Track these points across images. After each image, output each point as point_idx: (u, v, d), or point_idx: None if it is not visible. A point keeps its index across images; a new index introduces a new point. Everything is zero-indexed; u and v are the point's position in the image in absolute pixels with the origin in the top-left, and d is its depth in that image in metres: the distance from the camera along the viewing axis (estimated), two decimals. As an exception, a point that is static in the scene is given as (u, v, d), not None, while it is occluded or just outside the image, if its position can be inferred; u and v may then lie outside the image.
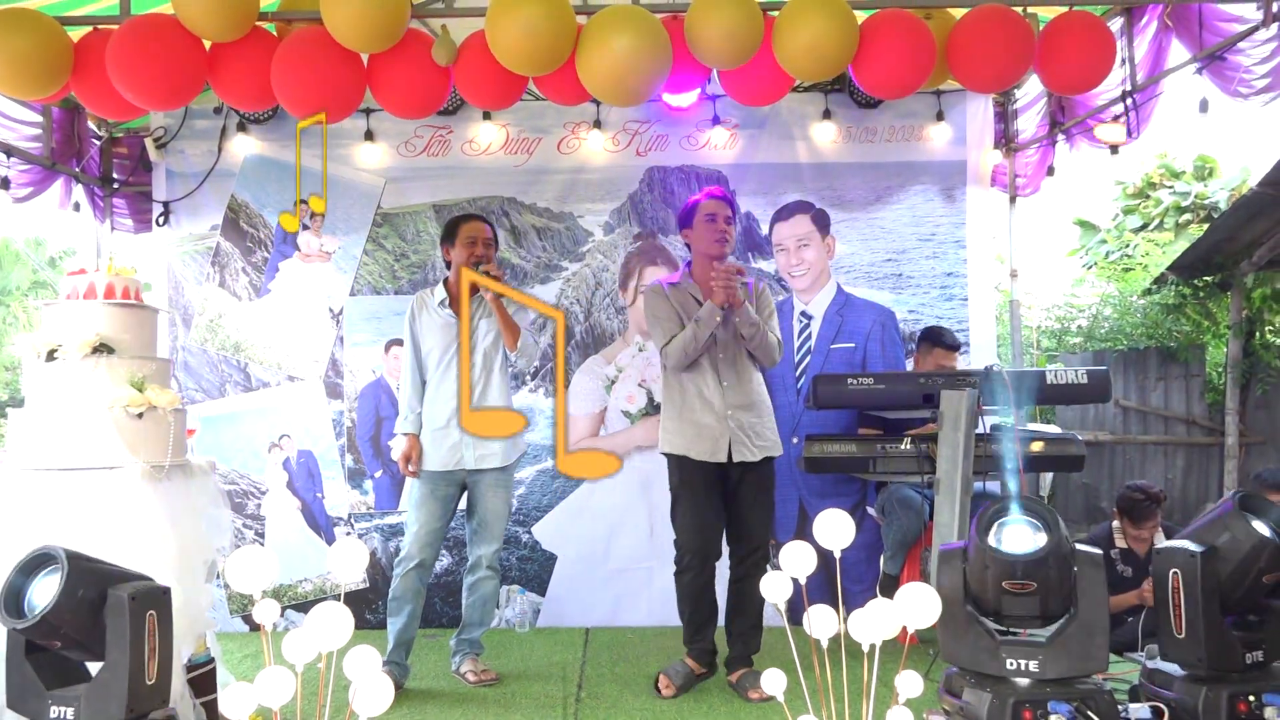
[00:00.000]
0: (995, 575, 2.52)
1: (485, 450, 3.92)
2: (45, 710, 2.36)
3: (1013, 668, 2.52)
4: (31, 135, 4.55)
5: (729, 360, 3.80)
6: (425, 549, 3.91)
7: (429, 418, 3.97)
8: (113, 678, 2.40)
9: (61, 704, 2.36)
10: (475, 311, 3.98)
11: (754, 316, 3.73)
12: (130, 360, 3.13)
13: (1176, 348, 6.39)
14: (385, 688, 2.17)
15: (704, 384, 3.79)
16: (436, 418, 3.95)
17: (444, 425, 3.93)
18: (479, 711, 3.57)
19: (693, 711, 3.54)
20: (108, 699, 2.39)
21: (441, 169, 5.11)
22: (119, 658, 2.42)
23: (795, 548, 2.43)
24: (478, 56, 3.10)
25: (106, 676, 2.41)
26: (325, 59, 3.05)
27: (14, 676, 2.44)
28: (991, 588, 2.54)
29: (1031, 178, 5.20)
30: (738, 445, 3.76)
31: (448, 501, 3.98)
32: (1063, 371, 4.17)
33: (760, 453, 3.80)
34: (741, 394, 3.80)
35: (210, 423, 5.04)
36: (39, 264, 25.35)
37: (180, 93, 3.10)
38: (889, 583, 4.49)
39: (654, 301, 3.86)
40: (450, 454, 3.92)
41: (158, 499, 3.01)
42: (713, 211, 3.82)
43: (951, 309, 5.17)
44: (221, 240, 5.11)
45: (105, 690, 2.40)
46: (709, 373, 3.79)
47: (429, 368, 3.99)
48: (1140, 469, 6.33)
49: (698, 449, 3.76)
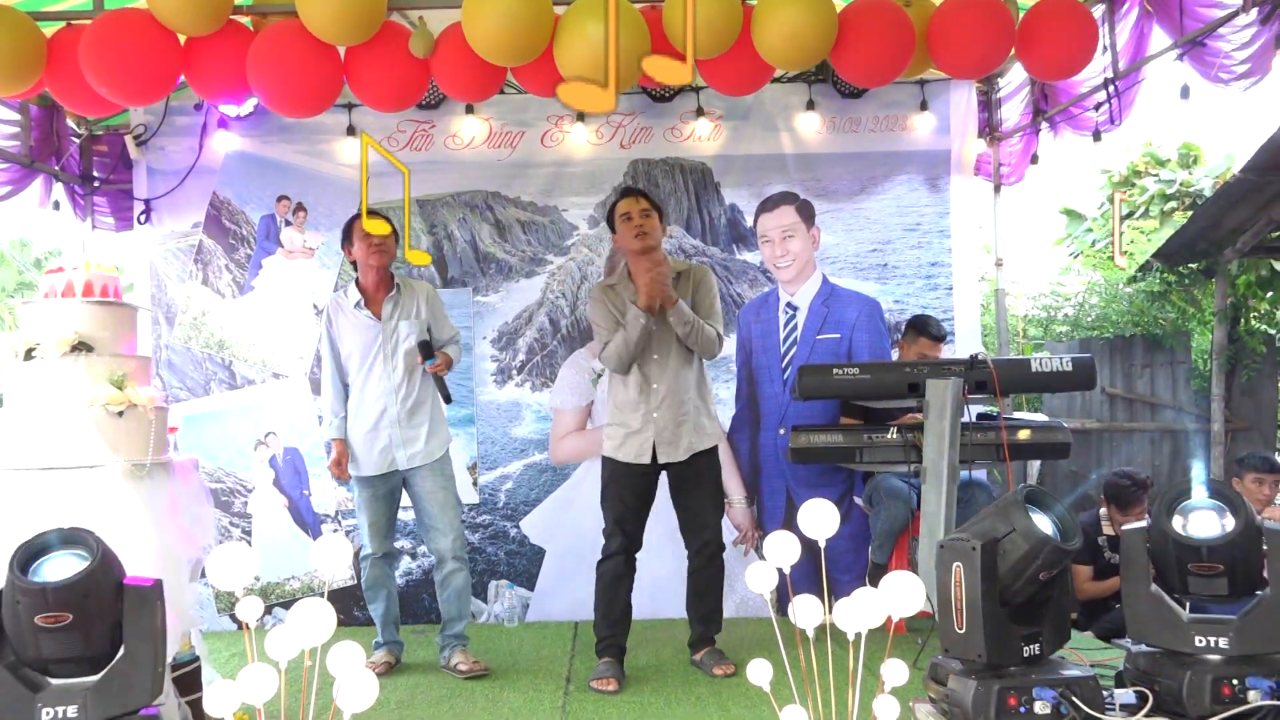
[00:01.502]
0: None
1: (415, 449, 3.97)
2: (35, 715, 2.32)
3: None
4: (9, 134, 4.51)
5: (661, 361, 3.85)
6: (381, 542, 4.06)
7: (356, 422, 3.99)
8: (132, 667, 2.39)
9: (58, 704, 2.33)
10: (393, 313, 3.98)
11: (688, 315, 3.76)
12: (110, 358, 3.11)
13: (1162, 335, 6.42)
14: (370, 684, 2.16)
15: (629, 388, 3.88)
16: (364, 422, 3.97)
17: (372, 428, 3.96)
18: (468, 705, 3.57)
19: (681, 701, 3.54)
20: (126, 689, 2.37)
21: (424, 163, 5.07)
22: (139, 646, 2.41)
23: (779, 537, 2.43)
24: (455, 48, 3.08)
25: (125, 667, 2.39)
26: (301, 52, 3.03)
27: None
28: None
29: (1016, 166, 5.20)
30: (662, 446, 3.84)
31: (389, 497, 4.07)
32: (1047, 359, 4.19)
33: (686, 452, 3.86)
34: (667, 396, 3.83)
35: (195, 421, 5.02)
36: (24, 265, 25.22)
37: (155, 88, 3.07)
38: (877, 572, 4.50)
39: (592, 306, 3.98)
40: (382, 457, 3.96)
41: (139, 497, 2.99)
42: (626, 211, 3.84)
43: (937, 298, 5.17)
44: (204, 238, 5.07)
45: (124, 680, 2.38)
46: (634, 376, 3.86)
47: (350, 370, 4.01)
48: (1127, 456, 6.35)
49: (623, 451, 3.88)
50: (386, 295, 3.99)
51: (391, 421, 3.94)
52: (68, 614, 2.34)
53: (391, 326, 3.96)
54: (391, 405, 3.94)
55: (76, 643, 2.40)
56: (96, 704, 2.37)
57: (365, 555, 4.05)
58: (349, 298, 4.02)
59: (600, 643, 3.91)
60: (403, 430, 3.95)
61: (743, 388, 5.11)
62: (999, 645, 2.53)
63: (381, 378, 3.95)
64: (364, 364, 3.97)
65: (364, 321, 3.97)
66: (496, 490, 5.08)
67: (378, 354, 3.96)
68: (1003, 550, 2.56)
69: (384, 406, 3.94)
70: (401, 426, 3.95)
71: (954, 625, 2.58)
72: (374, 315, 3.97)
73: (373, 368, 3.96)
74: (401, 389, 3.95)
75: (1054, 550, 2.53)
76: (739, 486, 5.07)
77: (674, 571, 4.31)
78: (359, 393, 3.99)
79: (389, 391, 3.94)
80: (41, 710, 2.36)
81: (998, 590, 2.55)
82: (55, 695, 2.37)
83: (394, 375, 3.95)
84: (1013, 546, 2.55)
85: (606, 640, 3.90)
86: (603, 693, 3.68)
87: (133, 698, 2.41)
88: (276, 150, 5.08)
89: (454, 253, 5.12)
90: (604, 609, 3.93)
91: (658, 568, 4.46)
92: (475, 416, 5.07)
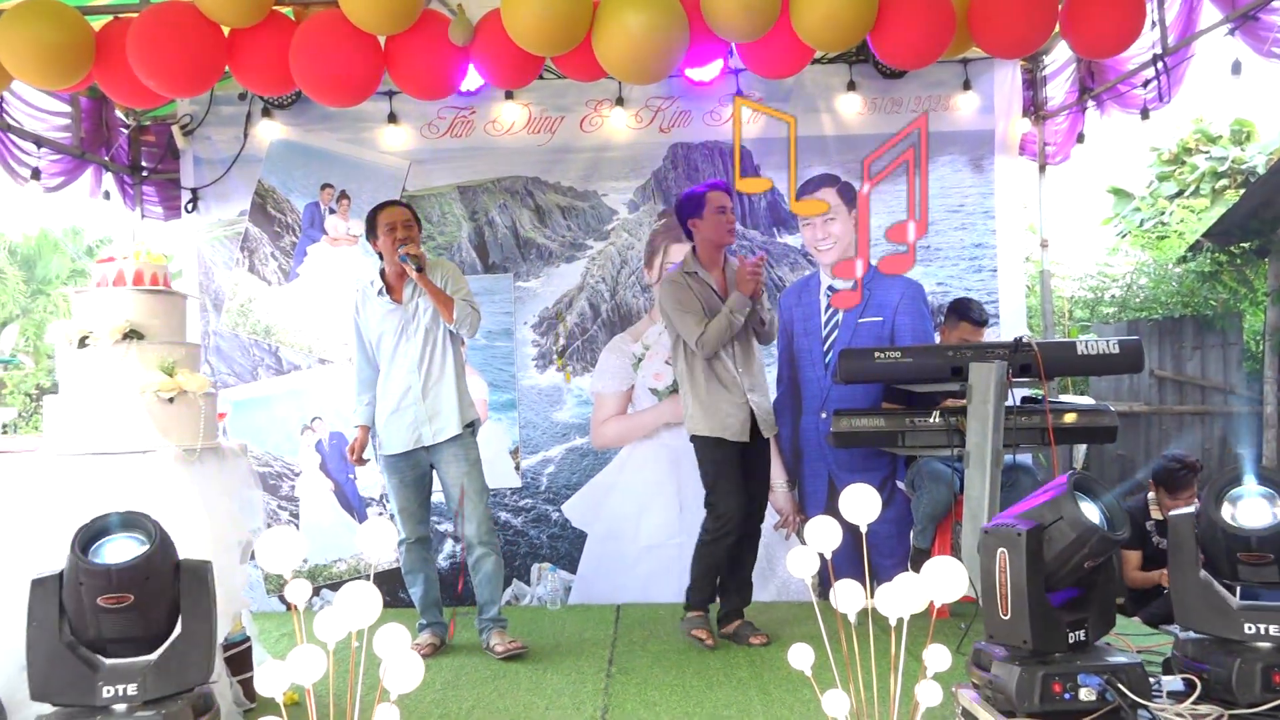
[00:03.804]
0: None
1: (440, 424, 4.02)
2: (95, 692, 2.39)
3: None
4: (60, 125, 4.60)
5: (743, 346, 4.13)
6: (414, 527, 4.14)
7: (383, 403, 4.07)
8: (190, 646, 2.47)
9: (118, 682, 2.39)
10: (414, 294, 4.03)
11: (768, 304, 4.12)
12: (160, 345, 3.17)
13: (1213, 316, 6.28)
14: (415, 665, 2.20)
15: (724, 370, 4.10)
16: (390, 400, 4.05)
17: (397, 407, 4.04)
18: (511, 686, 3.61)
19: (722, 684, 3.55)
20: (184, 667, 2.45)
21: (465, 150, 5.11)
22: (196, 625, 2.49)
23: (820, 523, 2.42)
24: (495, 36, 3.09)
25: (182, 645, 2.47)
26: (343, 42, 3.06)
27: (45, 665, 2.43)
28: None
29: (1061, 145, 5.11)
30: (761, 423, 4.12)
31: (419, 482, 4.13)
32: (1094, 342, 4.12)
33: (769, 430, 4.17)
34: (753, 378, 4.14)
35: (243, 406, 5.11)
36: (76, 253, 25.73)
37: (200, 79, 3.12)
38: (919, 556, 4.46)
39: (678, 292, 4.10)
40: (410, 433, 4.03)
41: (191, 481, 3.06)
42: (722, 204, 4.10)
43: (980, 280, 5.11)
44: (250, 225, 5.15)
45: (181, 659, 2.46)
46: (727, 359, 4.10)
47: (380, 357, 4.10)
48: (1176, 439, 6.24)
49: (731, 430, 4.06)
50: (407, 279, 4.04)
51: (416, 398, 4.01)
52: (129, 595, 2.41)
53: (412, 307, 4.04)
54: (415, 383, 4.01)
55: (136, 623, 2.47)
56: (155, 681, 2.45)
57: (400, 540, 4.13)
58: (373, 286, 4.11)
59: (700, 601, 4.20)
60: (427, 405, 4.01)
61: (784, 372, 5.09)
62: (1044, 631, 2.52)
63: (405, 357, 4.04)
64: (390, 347, 4.06)
65: (387, 306, 4.06)
66: (538, 474, 5.12)
67: (400, 335, 4.04)
68: (1049, 537, 2.54)
69: (408, 384, 4.02)
70: (425, 402, 4.01)
71: (999, 611, 2.57)
72: (395, 300, 4.05)
73: (397, 348, 4.05)
74: (423, 365, 4.02)
75: (1101, 539, 2.51)
76: (780, 471, 5.06)
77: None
78: (386, 375, 4.08)
79: (411, 369, 4.02)
80: (102, 688, 2.43)
81: (1043, 577, 2.53)
82: (114, 673, 2.44)
83: (415, 352, 4.02)
84: (1059, 534, 2.53)
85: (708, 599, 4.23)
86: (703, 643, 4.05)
87: (190, 675, 2.48)
88: (320, 138, 5.13)
89: (495, 238, 5.15)
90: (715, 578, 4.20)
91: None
92: (517, 401, 5.11)
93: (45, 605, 2.46)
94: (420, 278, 3.90)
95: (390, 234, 3.99)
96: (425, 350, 4.03)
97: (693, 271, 4.13)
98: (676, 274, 4.16)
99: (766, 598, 4.87)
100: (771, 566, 4.96)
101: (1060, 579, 2.55)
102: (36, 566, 2.58)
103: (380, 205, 4.14)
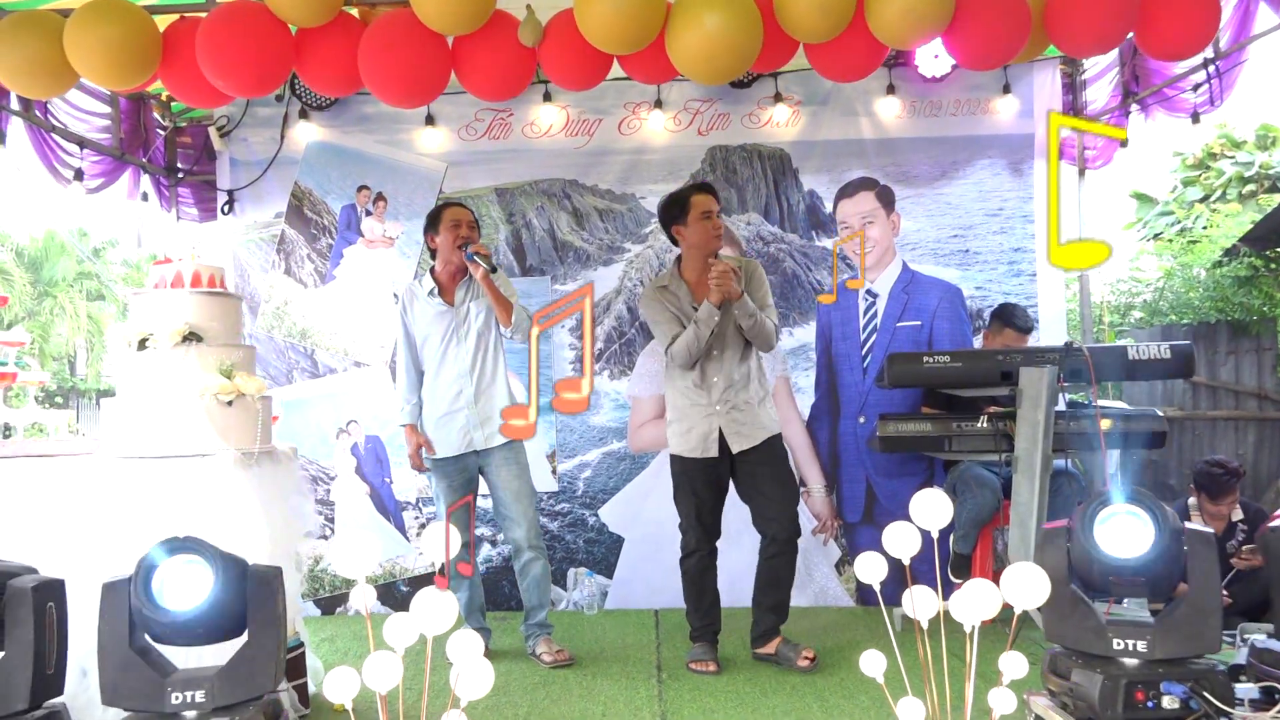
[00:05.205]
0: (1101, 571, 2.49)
1: (491, 429, 4.00)
2: (165, 699, 2.37)
3: (1120, 648, 2.48)
4: (101, 126, 4.59)
5: (719, 355, 3.85)
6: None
7: (432, 406, 4.04)
8: (258, 652, 2.45)
9: (186, 689, 2.38)
10: (465, 298, 4.02)
11: (751, 308, 3.75)
12: (219, 348, 3.16)
13: (1248, 321, 6.24)
14: (487, 672, 2.18)
15: (690, 383, 3.88)
16: (440, 405, 4.02)
17: (448, 410, 4.01)
18: (563, 692, 3.59)
19: (776, 690, 3.53)
20: (251, 675, 2.43)
21: (502, 152, 5.10)
22: (263, 632, 2.46)
23: (898, 528, 2.40)
24: (564, 36, 3.07)
25: (250, 652, 2.45)
26: (411, 43, 3.03)
27: (115, 671, 2.42)
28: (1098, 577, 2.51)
29: (1103, 150, 5.08)
30: (731, 436, 3.84)
31: (466, 488, 4.09)
32: (1145, 347, 4.09)
33: (752, 440, 3.86)
34: (727, 389, 3.84)
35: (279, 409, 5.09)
36: (84, 254, 25.69)
37: (269, 79, 3.10)
38: (960, 562, 4.43)
39: (648, 305, 3.95)
40: (461, 437, 4.01)
41: (249, 485, 3.05)
42: (708, 209, 3.84)
43: (1020, 285, 5.08)
44: (286, 228, 5.14)
45: (249, 666, 2.44)
46: (695, 372, 3.86)
47: (426, 358, 4.07)
48: (1210, 445, 6.20)
49: (687, 446, 3.89)
50: (460, 281, 4.03)
51: (468, 402, 3.99)
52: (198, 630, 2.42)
53: (464, 311, 4.02)
54: (466, 387, 3.99)
55: (201, 639, 2.48)
56: (223, 689, 2.42)
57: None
58: (423, 286, 4.08)
59: (694, 630, 3.96)
60: (479, 410, 3.99)
61: (822, 376, 5.07)
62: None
63: (456, 360, 4.01)
64: (439, 349, 4.03)
65: (437, 308, 4.03)
66: (575, 478, 5.10)
67: (451, 337, 4.01)
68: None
69: (459, 389, 4.00)
70: (477, 406, 3.99)
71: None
72: (447, 303, 4.02)
73: (447, 351, 4.02)
74: (475, 369, 4.00)
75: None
76: (818, 475, 5.04)
77: (753, 561, 4.27)
78: (434, 378, 4.04)
79: (463, 374, 3.99)
80: (171, 695, 2.41)
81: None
82: (183, 681, 2.42)
83: (467, 357, 4.00)
84: None
85: (700, 628, 3.95)
86: (703, 674, 3.74)
87: (258, 682, 2.45)
88: (356, 140, 5.12)
89: (532, 241, 5.13)
90: (694, 601, 3.97)
91: (736, 557, 4.41)
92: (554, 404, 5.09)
93: (115, 610, 2.44)
94: (485, 278, 3.85)
95: (454, 230, 3.96)
96: (478, 354, 4.01)
97: (664, 285, 3.93)
98: (649, 288, 4.01)
99: (805, 603, 4.84)
100: (809, 572, 4.93)
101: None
102: (96, 571, 2.57)
103: (446, 202, 4.13)
